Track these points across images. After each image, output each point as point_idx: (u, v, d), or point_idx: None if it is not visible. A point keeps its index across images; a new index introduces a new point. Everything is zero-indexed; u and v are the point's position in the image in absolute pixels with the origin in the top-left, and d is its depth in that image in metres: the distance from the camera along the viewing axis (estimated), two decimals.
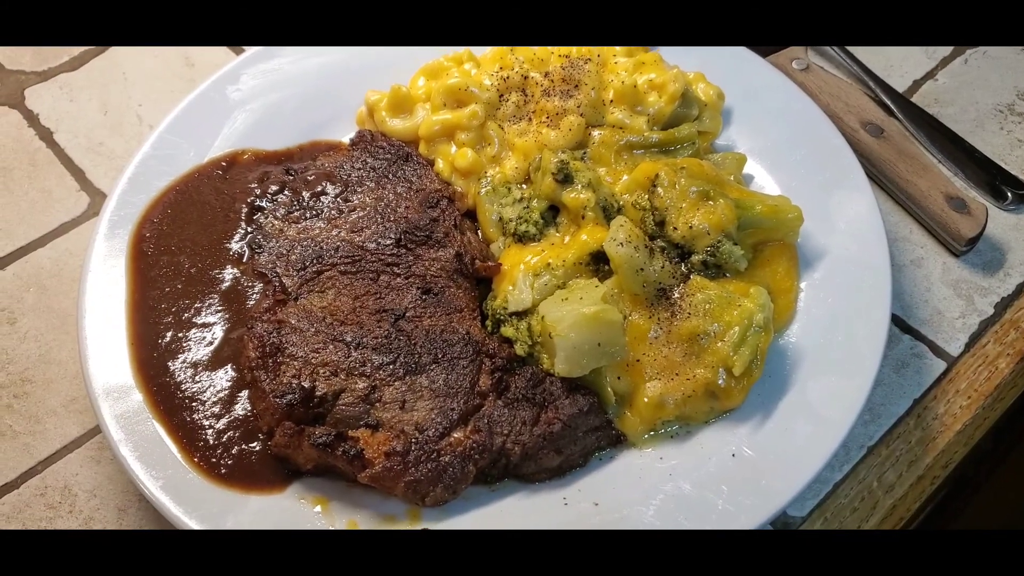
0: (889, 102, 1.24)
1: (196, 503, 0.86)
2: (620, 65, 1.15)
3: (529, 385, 0.92)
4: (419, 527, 0.87)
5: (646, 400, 0.91)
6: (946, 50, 1.33)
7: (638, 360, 0.92)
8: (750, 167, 1.11)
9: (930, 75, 1.30)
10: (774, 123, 1.14)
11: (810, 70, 1.25)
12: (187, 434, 0.91)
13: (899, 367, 1.02)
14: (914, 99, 1.27)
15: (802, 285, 1.00)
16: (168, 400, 0.93)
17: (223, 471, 0.89)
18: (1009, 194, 1.15)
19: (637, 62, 1.15)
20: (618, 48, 1.17)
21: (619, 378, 0.92)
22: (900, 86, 1.28)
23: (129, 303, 0.99)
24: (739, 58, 1.21)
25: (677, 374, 0.91)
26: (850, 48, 1.31)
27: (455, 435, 0.89)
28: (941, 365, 1.02)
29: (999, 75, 1.29)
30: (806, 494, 0.93)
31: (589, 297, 0.90)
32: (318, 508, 0.88)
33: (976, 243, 1.10)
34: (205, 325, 0.98)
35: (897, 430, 0.98)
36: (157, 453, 0.89)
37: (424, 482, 0.86)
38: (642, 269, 0.93)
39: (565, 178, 1.01)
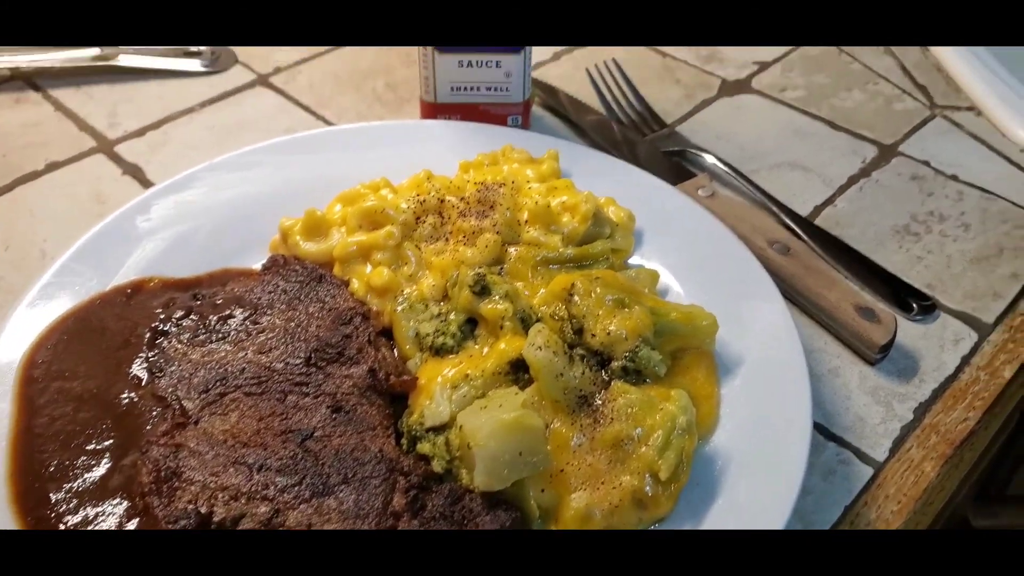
0: (793, 224, 1.29)
1: None
2: (534, 190, 1.18)
3: (447, 503, 0.86)
4: None
5: (572, 513, 0.86)
6: (842, 179, 1.41)
7: (562, 470, 0.88)
8: (664, 282, 1.12)
9: (829, 201, 1.37)
10: (684, 242, 1.17)
11: (716, 196, 1.30)
12: None
13: (827, 474, 1.00)
14: (816, 222, 1.33)
15: (723, 392, 0.99)
16: None
17: None
18: (915, 305, 1.19)
19: (550, 187, 1.19)
20: (531, 174, 1.21)
21: (543, 490, 0.87)
22: (802, 211, 1.34)
23: (12, 433, 0.92)
24: (647, 185, 1.25)
25: (603, 483, 0.87)
26: (752, 177, 1.37)
27: None
28: (868, 471, 1.00)
29: (891, 201, 1.37)
30: None
31: (508, 404, 0.87)
32: None
33: (889, 351, 1.12)
34: (95, 452, 0.90)
35: None
36: None
37: None
38: (562, 374, 0.90)
39: (482, 290, 1.00)
